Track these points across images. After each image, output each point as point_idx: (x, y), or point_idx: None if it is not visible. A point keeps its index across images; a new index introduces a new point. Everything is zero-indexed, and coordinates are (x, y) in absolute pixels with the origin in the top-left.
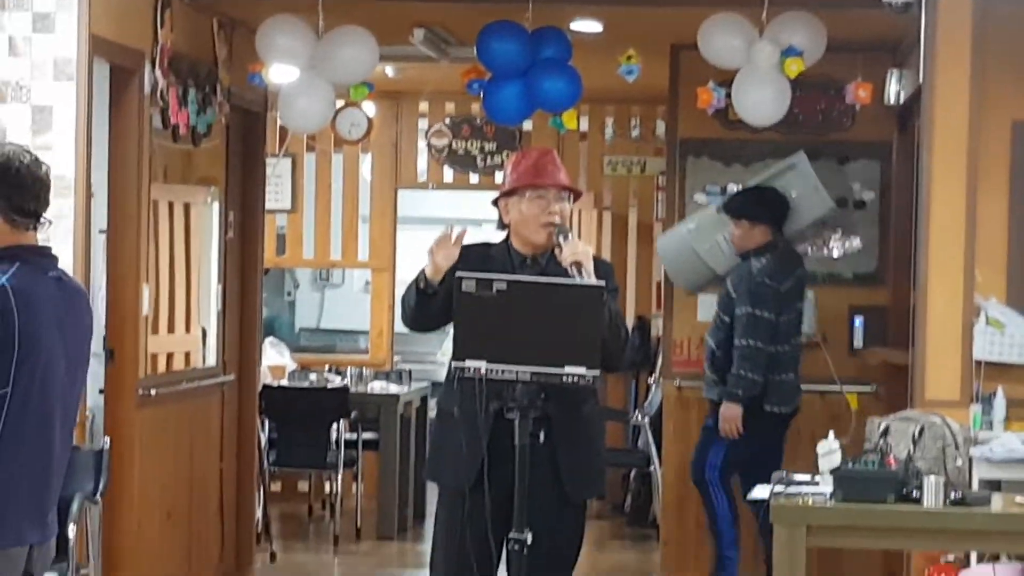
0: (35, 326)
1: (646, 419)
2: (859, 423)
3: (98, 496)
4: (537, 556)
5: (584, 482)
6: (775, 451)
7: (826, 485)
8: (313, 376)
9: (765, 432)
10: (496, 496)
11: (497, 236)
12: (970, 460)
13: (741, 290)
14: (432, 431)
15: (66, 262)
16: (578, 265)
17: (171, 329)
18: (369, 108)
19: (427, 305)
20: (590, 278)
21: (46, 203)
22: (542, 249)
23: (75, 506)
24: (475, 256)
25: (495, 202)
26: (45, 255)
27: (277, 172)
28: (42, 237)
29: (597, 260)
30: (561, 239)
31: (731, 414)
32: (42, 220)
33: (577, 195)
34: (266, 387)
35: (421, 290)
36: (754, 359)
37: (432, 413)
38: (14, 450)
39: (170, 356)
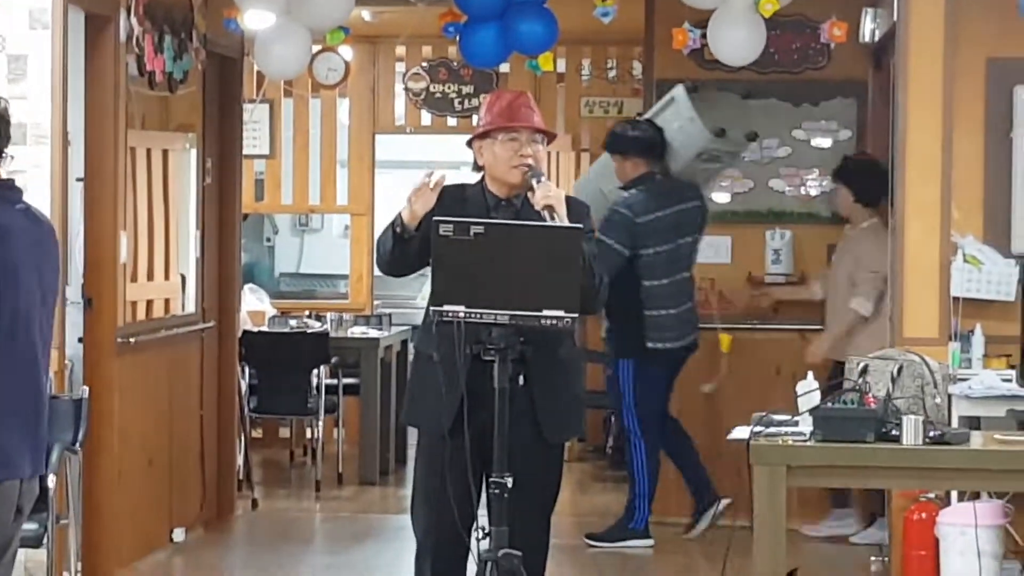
0: (12, 257)
1: None
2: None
3: (78, 445)
4: (516, 498)
5: (562, 424)
6: (663, 386)
7: (805, 425)
8: (293, 322)
9: (657, 369)
10: (475, 439)
11: (473, 178)
12: (949, 398)
13: (599, 218)
14: (410, 375)
15: (43, 210)
16: (550, 209)
17: (150, 276)
18: (346, 52)
19: (404, 249)
20: (563, 221)
21: (7, 138)
22: (516, 191)
23: (55, 455)
24: (450, 198)
25: (469, 144)
26: (11, 187)
27: (255, 118)
28: (18, 184)
29: (573, 201)
30: (534, 182)
31: None
32: (3, 155)
33: (551, 137)
34: (246, 333)
35: (398, 235)
36: None
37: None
38: (4, 381)
39: (149, 303)
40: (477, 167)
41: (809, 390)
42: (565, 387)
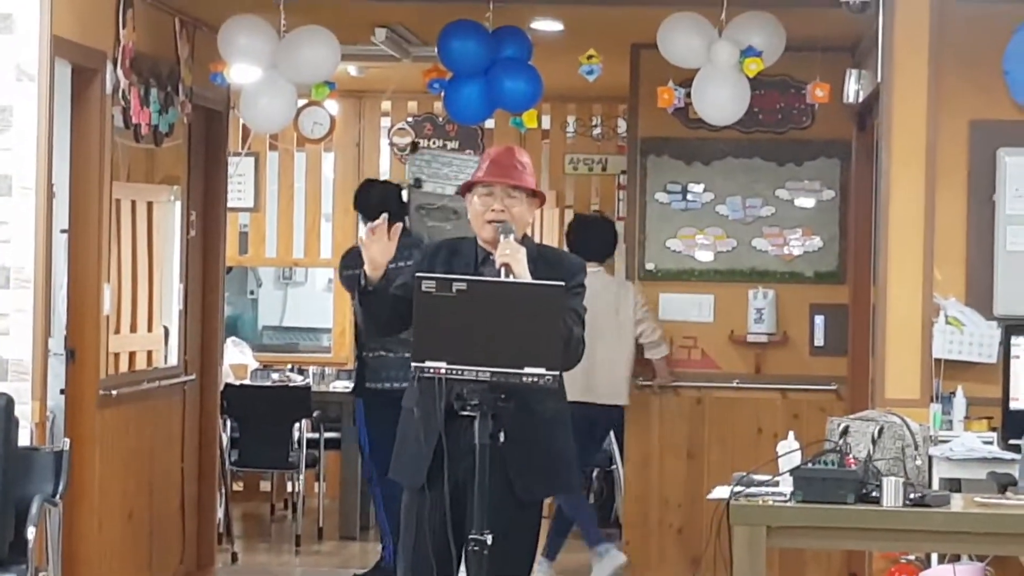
0: None
1: None
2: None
3: (58, 498)
4: (493, 557)
5: (536, 482)
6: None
7: (786, 485)
8: (275, 375)
9: (385, 411)
10: (453, 494)
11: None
12: (930, 460)
13: None
14: (398, 429)
15: (27, 261)
16: (506, 267)
17: (133, 328)
18: (332, 107)
19: (375, 305)
20: (520, 279)
21: None
22: (491, 243)
23: (34, 508)
24: (444, 252)
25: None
26: None
27: (240, 171)
28: (2, 236)
29: (566, 257)
30: (501, 237)
31: None
32: None
33: (538, 197)
34: (228, 386)
35: (363, 289)
36: None
37: None
38: None
39: (132, 356)
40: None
41: (790, 450)
42: (543, 445)
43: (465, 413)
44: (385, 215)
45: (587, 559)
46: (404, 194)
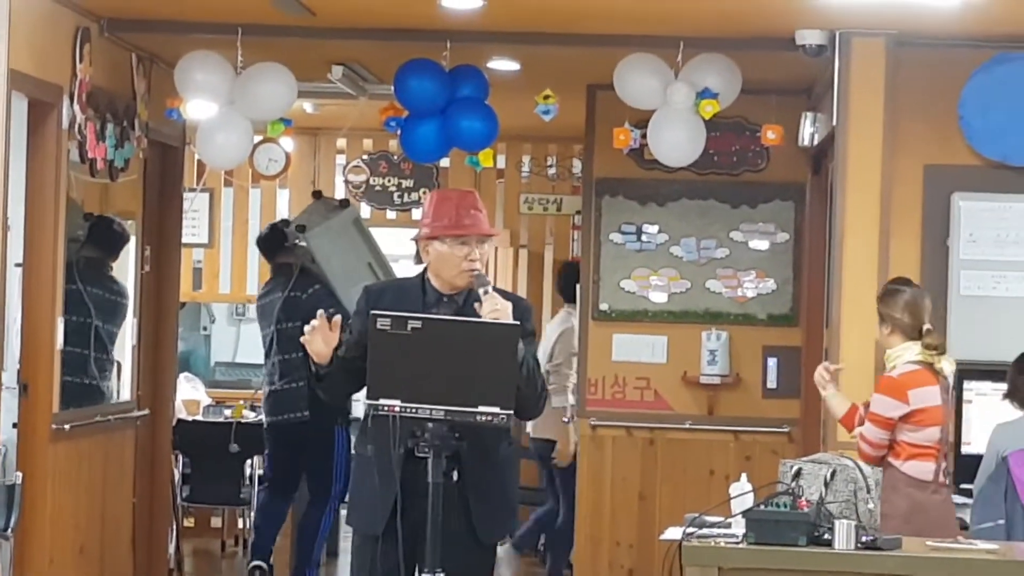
0: None
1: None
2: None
3: (10, 531)
4: None
5: (495, 523)
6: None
7: (738, 527)
8: (228, 411)
9: (270, 441)
10: (409, 536)
11: (412, 270)
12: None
13: None
14: (351, 477)
15: None
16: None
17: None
18: (287, 143)
19: (330, 384)
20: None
21: None
22: (462, 289)
23: None
24: (391, 294)
25: (415, 240)
26: None
27: (194, 206)
28: None
29: (517, 300)
30: (481, 292)
31: None
32: None
33: (495, 236)
34: (180, 422)
35: (316, 374)
36: None
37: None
38: None
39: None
40: (419, 260)
41: (742, 492)
42: (500, 486)
43: (422, 455)
44: (321, 311)
45: None
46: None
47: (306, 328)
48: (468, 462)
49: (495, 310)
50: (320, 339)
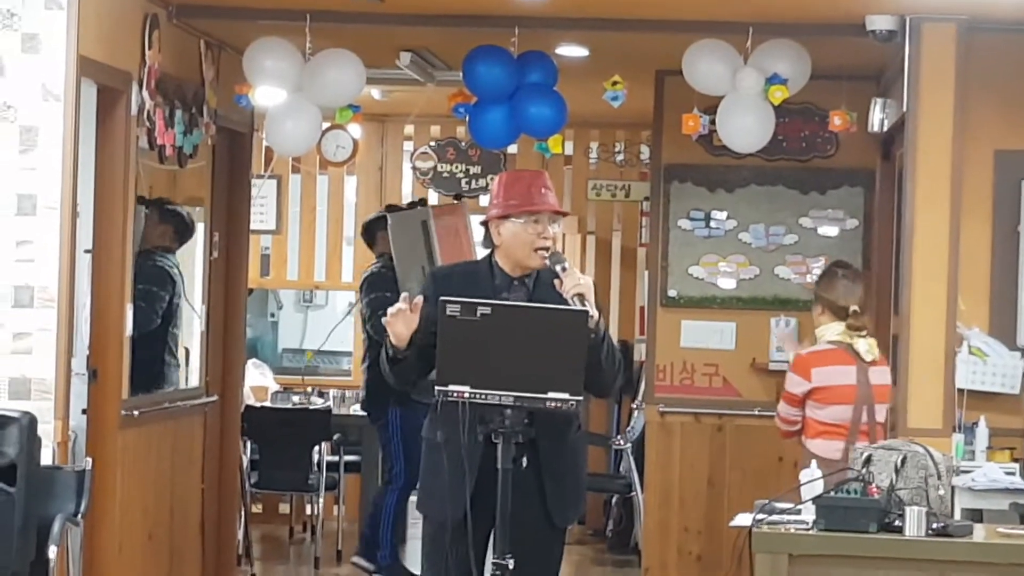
0: None
1: (628, 444)
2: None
3: (80, 517)
4: None
5: (568, 506)
6: None
7: (808, 514)
8: (296, 397)
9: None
10: (483, 524)
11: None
12: (952, 490)
13: None
14: (422, 465)
15: (51, 281)
16: (580, 297)
17: None
18: (355, 130)
19: (403, 367)
20: (592, 308)
21: None
22: (530, 270)
23: (56, 527)
24: (458, 278)
25: (484, 223)
26: None
27: (262, 193)
28: (26, 255)
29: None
30: (559, 269)
31: None
32: None
33: (563, 216)
34: (248, 408)
35: (391, 357)
36: None
37: None
38: None
39: None
40: (489, 243)
41: (812, 479)
42: (572, 471)
43: (495, 441)
44: (405, 293)
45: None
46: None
47: (389, 310)
48: (543, 447)
49: (578, 284)
50: (402, 321)
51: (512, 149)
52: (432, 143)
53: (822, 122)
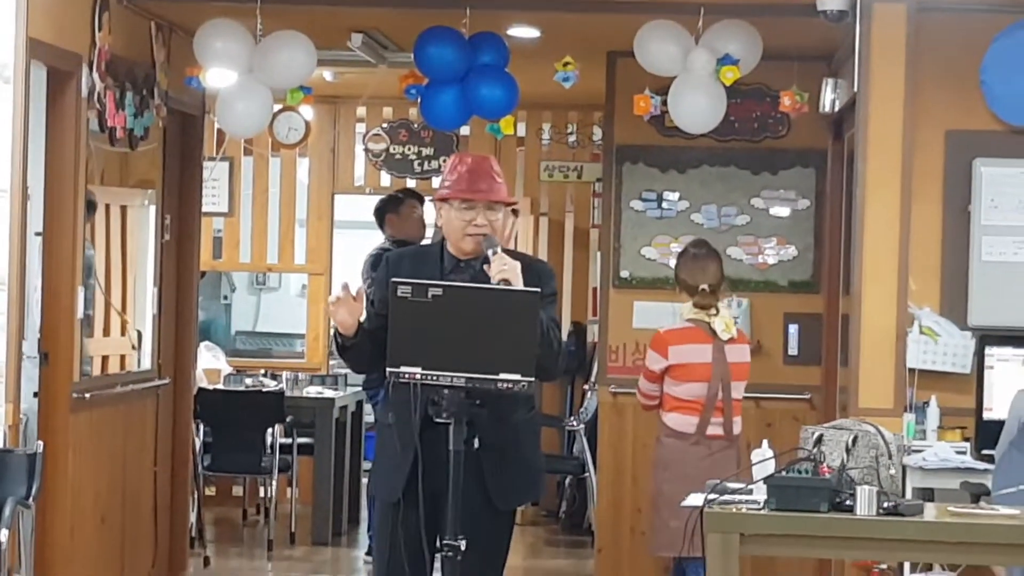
0: None
1: (581, 425)
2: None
3: (31, 500)
4: (466, 563)
5: (511, 490)
6: None
7: (760, 493)
8: (248, 380)
9: None
10: (428, 502)
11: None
12: (903, 469)
13: None
14: (376, 445)
15: (1, 264)
16: (505, 282)
17: (106, 332)
18: (307, 112)
19: (353, 354)
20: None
21: None
22: (474, 254)
23: (7, 510)
24: (408, 260)
25: (432, 200)
26: None
27: (214, 175)
28: None
29: (538, 263)
30: (490, 253)
31: None
32: None
33: (511, 204)
34: (201, 391)
35: (340, 345)
36: None
37: (368, 418)
38: None
39: (105, 359)
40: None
41: (764, 458)
42: (515, 452)
43: (441, 420)
44: (344, 282)
45: (554, 567)
46: None
47: (330, 298)
48: (482, 429)
49: (502, 270)
50: (345, 309)
51: (464, 131)
52: (384, 125)
53: (774, 103)
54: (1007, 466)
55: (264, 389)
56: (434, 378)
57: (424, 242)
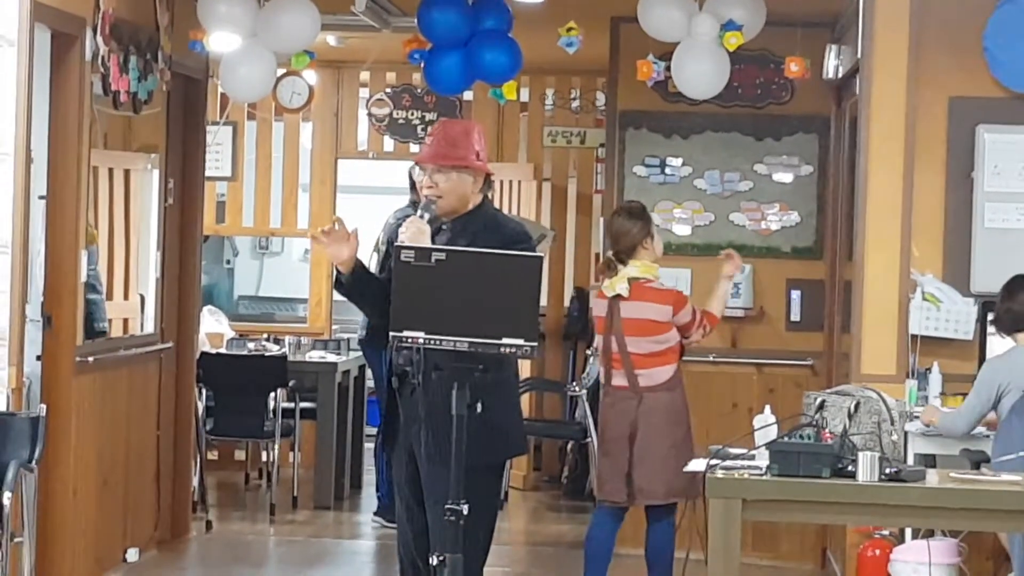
0: None
1: (583, 391)
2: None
3: (34, 463)
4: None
5: (474, 447)
6: None
7: (762, 459)
8: (251, 344)
9: None
10: (410, 459)
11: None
12: (905, 435)
13: None
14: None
15: (4, 228)
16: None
17: (109, 296)
18: (310, 77)
19: (354, 295)
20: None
21: None
22: (450, 217)
23: (10, 473)
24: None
25: None
26: None
27: (217, 140)
28: None
29: (509, 225)
30: (419, 214)
31: None
32: None
33: (477, 169)
34: (204, 355)
35: (338, 283)
36: None
37: (370, 383)
38: None
39: (108, 323)
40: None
41: (766, 424)
42: (484, 412)
43: (413, 381)
44: (337, 215)
45: (556, 531)
46: None
47: (319, 231)
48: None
49: (402, 232)
50: (335, 244)
51: (468, 96)
52: (388, 90)
53: (777, 69)
54: (1007, 433)
55: (267, 353)
56: (437, 342)
57: None
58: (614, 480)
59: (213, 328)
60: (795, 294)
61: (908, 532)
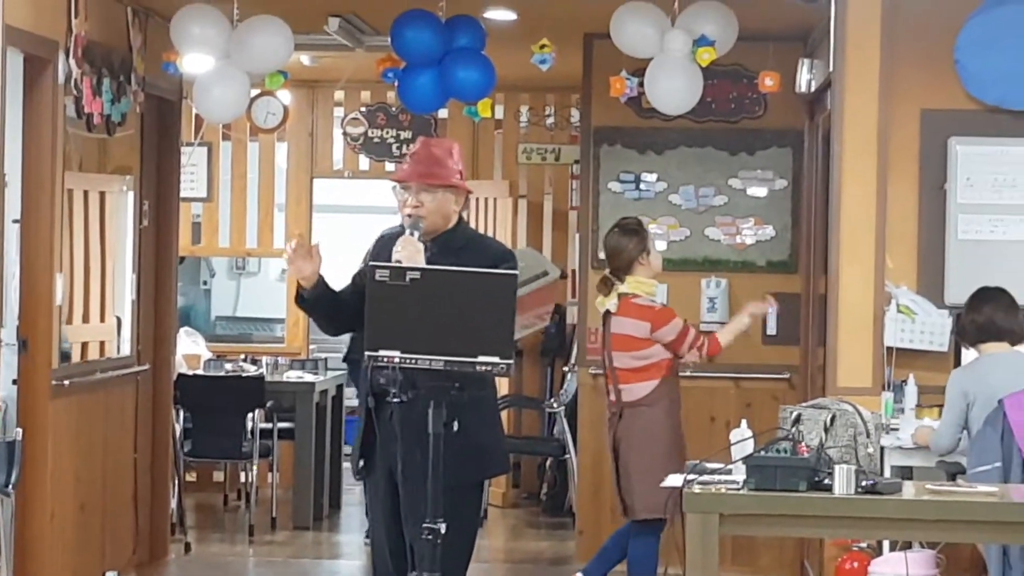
0: None
1: (562, 407)
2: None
3: (11, 488)
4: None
5: (454, 466)
6: None
7: (739, 473)
8: (228, 365)
9: None
10: (388, 481)
11: None
12: (881, 448)
13: None
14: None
15: None
16: (398, 262)
17: (85, 319)
18: (284, 96)
19: (317, 305)
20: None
21: None
22: (431, 235)
23: None
24: (386, 241)
25: None
26: None
27: (192, 160)
28: None
29: (492, 245)
30: (407, 233)
31: None
32: None
33: (457, 187)
34: (181, 376)
35: (300, 297)
36: None
37: (348, 402)
38: None
39: (84, 346)
40: None
41: (743, 438)
42: (462, 431)
43: (392, 400)
44: (299, 233)
45: (535, 548)
46: None
47: (285, 248)
48: (405, 411)
49: (397, 251)
50: (298, 263)
51: (443, 114)
52: (362, 109)
53: (750, 83)
54: (981, 444)
55: (244, 374)
56: (413, 361)
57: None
58: (617, 493)
59: (190, 349)
60: (771, 308)
61: (886, 544)
